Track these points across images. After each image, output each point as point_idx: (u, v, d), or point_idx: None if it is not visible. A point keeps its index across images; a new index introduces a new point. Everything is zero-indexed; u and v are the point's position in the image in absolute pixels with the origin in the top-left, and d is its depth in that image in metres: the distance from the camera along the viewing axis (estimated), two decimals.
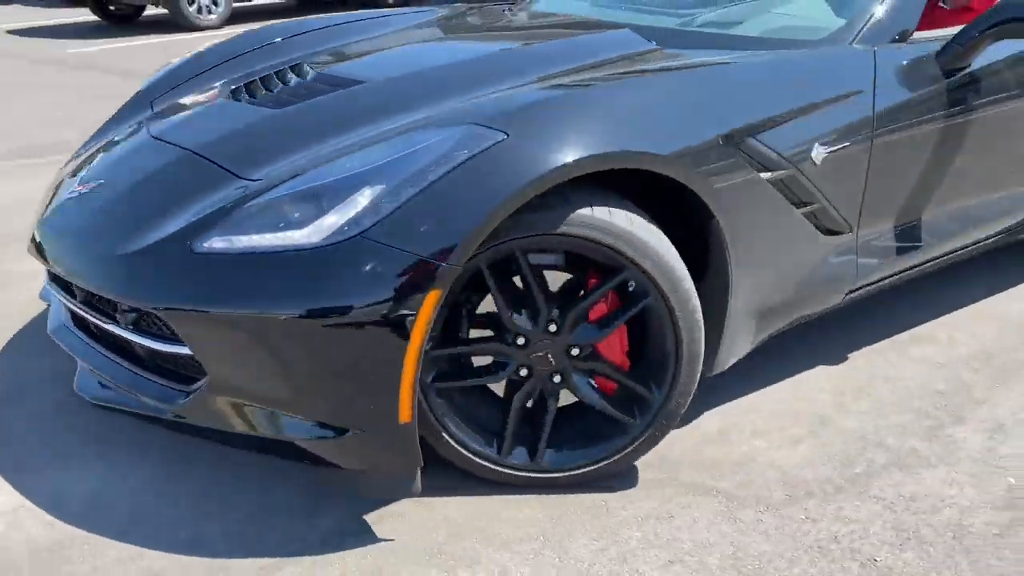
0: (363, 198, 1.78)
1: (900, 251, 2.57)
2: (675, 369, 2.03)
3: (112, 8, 11.02)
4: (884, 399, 2.47)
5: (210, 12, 10.42)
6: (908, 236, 2.58)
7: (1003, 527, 1.97)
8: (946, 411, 2.41)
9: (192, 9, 10.25)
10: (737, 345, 2.24)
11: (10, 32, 10.55)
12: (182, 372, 1.99)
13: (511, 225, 1.84)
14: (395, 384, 1.76)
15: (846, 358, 2.69)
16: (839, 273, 2.42)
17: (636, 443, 2.09)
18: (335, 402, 1.81)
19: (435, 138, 1.87)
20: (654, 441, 2.11)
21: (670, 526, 1.99)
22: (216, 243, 1.85)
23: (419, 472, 1.90)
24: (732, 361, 2.26)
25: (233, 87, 2.57)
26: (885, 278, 2.60)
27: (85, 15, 11.51)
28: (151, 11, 11.07)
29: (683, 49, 2.45)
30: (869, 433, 2.32)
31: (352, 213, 1.77)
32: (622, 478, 2.15)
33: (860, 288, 2.53)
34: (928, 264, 2.73)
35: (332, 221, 1.77)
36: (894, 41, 2.45)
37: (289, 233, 1.79)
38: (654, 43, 2.49)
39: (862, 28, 2.43)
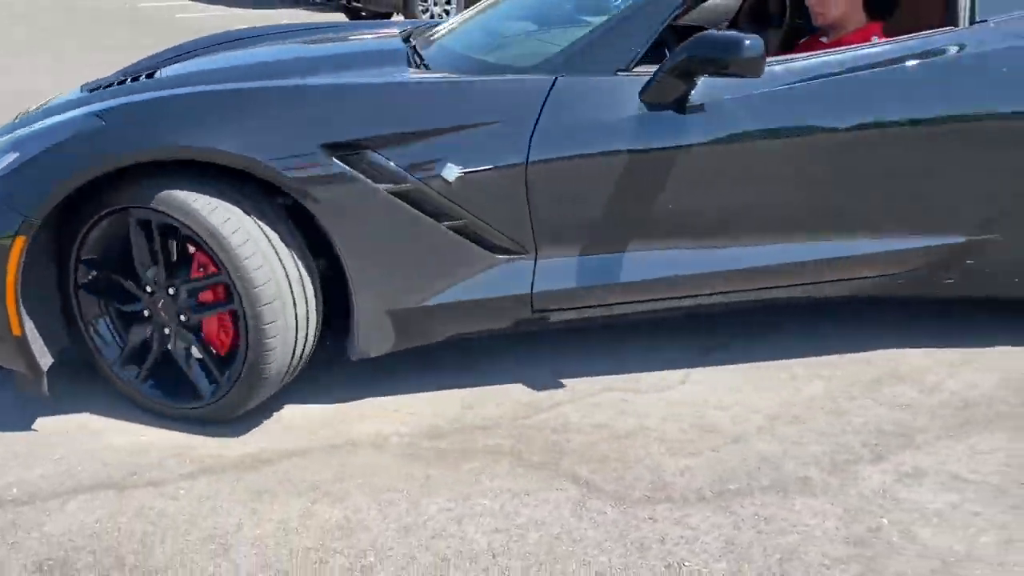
0: (7, 159, 2.29)
1: (598, 284, 2.52)
2: (241, 368, 2.34)
3: (363, 14, 12.28)
4: (816, 429, 2.44)
5: (442, 20, 11.41)
6: (609, 269, 2.51)
7: (835, 560, 1.95)
8: (871, 450, 2.35)
9: (425, 16, 11.25)
10: (374, 339, 2.46)
11: None
12: None
13: (123, 198, 2.27)
14: (2, 304, 2.27)
15: (806, 386, 2.66)
16: (514, 292, 2.47)
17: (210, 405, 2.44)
18: None
19: (57, 120, 2.36)
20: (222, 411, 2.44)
21: (519, 503, 2.16)
22: None
23: (44, 378, 2.37)
24: (373, 353, 2.49)
25: (123, 76, 3.03)
26: (587, 307, 2.55)
27: (343, 18, 12.89)
28: (397, 18, 12.18)
29: (441, 67, 2.65)
30: (775, 457, 2.32)
31: None
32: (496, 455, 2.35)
33: (550, 311, 2.52)
34: (660, 304, 2.58)
35: None
36: (609, 73, 2.45)
37: None
38: (419, 63, 2.71)
39: (566, 58, 2.49)
